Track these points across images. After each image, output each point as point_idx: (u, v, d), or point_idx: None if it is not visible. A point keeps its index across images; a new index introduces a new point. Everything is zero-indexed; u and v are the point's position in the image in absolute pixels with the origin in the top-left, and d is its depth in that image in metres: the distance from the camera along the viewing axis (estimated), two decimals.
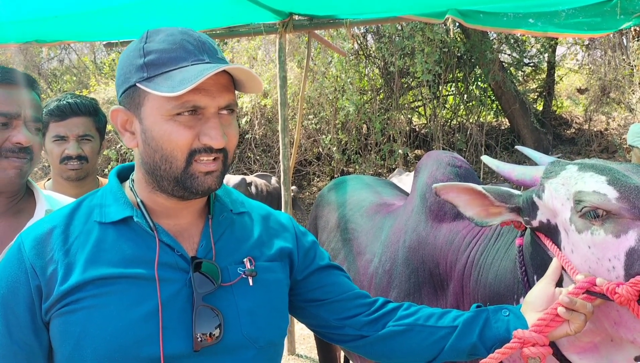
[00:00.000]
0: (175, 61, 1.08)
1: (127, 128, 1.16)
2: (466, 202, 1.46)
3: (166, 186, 1.13)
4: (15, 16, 3.74)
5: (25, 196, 1.58)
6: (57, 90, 12.53)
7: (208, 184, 1.13)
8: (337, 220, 2.72)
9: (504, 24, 3.98)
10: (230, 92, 1.13)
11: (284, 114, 4.49)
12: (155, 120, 1.09)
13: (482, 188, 1.43)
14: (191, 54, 1.09)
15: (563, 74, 12.10)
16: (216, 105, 1.10)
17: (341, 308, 1.35)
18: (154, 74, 1.08)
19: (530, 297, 1.30)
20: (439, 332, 1.32)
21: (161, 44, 1.10)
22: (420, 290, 1.86)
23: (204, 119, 1.10)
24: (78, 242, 1.12)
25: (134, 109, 1.13)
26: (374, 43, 10.60)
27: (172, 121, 1.08)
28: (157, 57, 1.09)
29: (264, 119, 10.49)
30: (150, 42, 1.11)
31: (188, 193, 1.13)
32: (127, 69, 1.12)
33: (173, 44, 1.10)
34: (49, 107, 2.15)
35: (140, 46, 1.12)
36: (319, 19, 4.38)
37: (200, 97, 1.07)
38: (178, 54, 1.09)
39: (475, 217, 1.45)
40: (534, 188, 1.41)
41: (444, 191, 1.47)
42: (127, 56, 1.13)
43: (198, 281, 1.12)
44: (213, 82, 1.09)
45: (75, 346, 1.06)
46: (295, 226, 1.39)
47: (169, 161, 1.10)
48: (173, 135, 1.08)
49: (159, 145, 1.10)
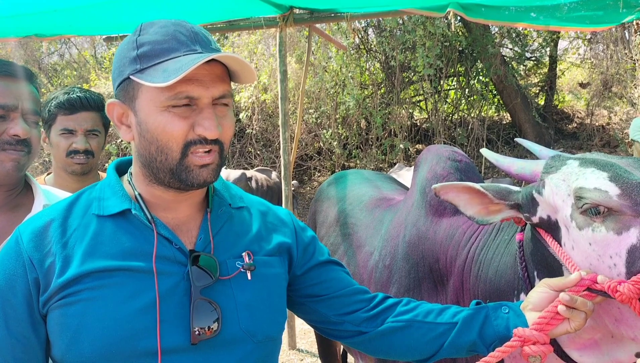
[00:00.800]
0: (167, 52, 1.08)
1: (123, 121, 1.16)
2: (466, 201, 1.45)
3: (162, 178, 1.13)
4: (15, 10, 3.73)
5: (24, 191, 1.57)
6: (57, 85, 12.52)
7: (204, 177, 1.12)
8: (336, 215, 2.72)
9: (506, 17, 3.96)
10: (225, 82, 1.12)
11: (285, 109, 4.48)
12: (150, 112, 1.09)
13: (481, 186, 1.41)
14: (183, 45, 1.09)
15: (565, 68, 12.07)
16: (210, 95, 1.09)
17: (340, 304, 1.35)
18: (147, 65, 1.08)
19: (531, 296, 1.29)
20: (438, 329, 1.32)
21: (154, 35, 1.10)
22: (420, 285, 1.85)
23: (198, 110, 1.09)
24: (76, 235, 1.12)
25: (129, 102, 1.13)
26: (375, 37, 10.56)
27: (166, 113, 1.08)
28: (149, 48, 1.08)
29: (264, 114, 10.48)
30: (143, 35, 1.11)
31: (184, 185, 1.13)
32: (122, 62, 1.12)
33: (165, 35, 1.09)
34: (58, 99, 2.13)
35: (134, 38, 1.11)
36: (320, 12, 4.35)
37: (193, 88, 1.07)
38: (170, 45, 1.08)
39: (476, 216, 1.44)
40: (534, 183, 1.39)
41: (443, 191, 1.46)
42: (122, 49, 1.13)
43: (196, 275, 1.12)
44: (207, 73, 1.08)
45: (72, 338, 1.06)
46: (294, 221, 1.38)
47: (164, 152, 1.10)
48: (168, 126, 1.08)
49: (154, 137, 1.09)
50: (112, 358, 1.05)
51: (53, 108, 2.12)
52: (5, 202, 1.51)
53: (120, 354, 1.05)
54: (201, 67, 1.06)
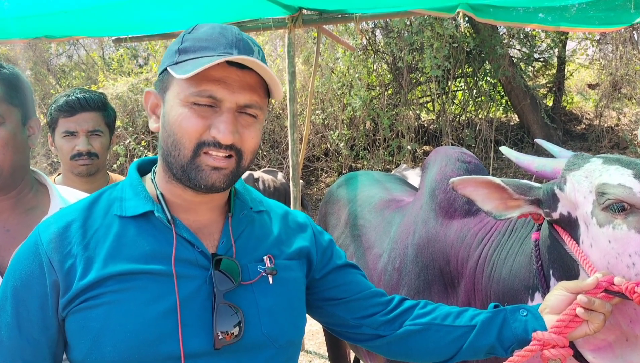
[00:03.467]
0: (203, 50, 1.08)
1: (155, 111, 1.17)
2: (484, 196, 1.44)
3: (176, 174, 1.12)
4: (25, 12, 3.75)
5: (37, 192, 1.53)
6: (66, 86, 12.57)
7: (212, 180, 1.10)
8: (347, 216, 2.71)
9: (515, 18, 3.94)
10: (255, 93, 1.11)
11: (293, 110, 4.47)
12: (173, 104, 1.09)
13: (501, 181, 1.41)
14: (221, 46, 1.09)
15: (573, 69, 11.99)
16: (234, 100, 1.08)
17: (358, 307, 1.35)
18: (183, 59, 1.09)
19: (549, 299, 1.28)
20: (456, 331, 1.31)
21: (199, 34, 1.11)
22: (430, 288, 1.85)
23: (220, 113, 1.09)
24: (97, 236, 1.11)
25: (162, 93, 1.14)
26: (382, 38, 10.54)
27: (187, 108, 1.08)
28: (190, 45, 1.10)
29: (271, 115, 10.48)
30: (192, 32, 1.13)
31: (192, 185, 1.11)
32: (167, 54, 1.14)
33: (209, 35, 1.10)
34: (58, 102, 2.14)
35: (184, 34, 1.13)
36: (329, 13, 4.35)
37: (218, 89, 1.07)
38: (209, 44, 1.09)
39: (494, 211, 1.43)
40: (556, 180, 1.39)
41: (461, 185, 1.45)
42: (173, 43, 1.15)
43: (218, 279, 1.11)
44: (237, 78, 1.08)
45: (94, 342, 1.05)
46: (312, 226, 1.38)
47: (178, 147, 1.09)
48: (184, 122, 1.08)
49: (172, 130, 1.09)
50: (134, 362, 1.04)
51: (54, 111, 2.14)
52: (15, 205, 1.47)
53: (142, 358, 1.04)
54: (232, 72, 1.06)
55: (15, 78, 1.44)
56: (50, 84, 12.91)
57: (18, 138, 1.43)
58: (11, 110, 1.42)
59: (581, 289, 1.21)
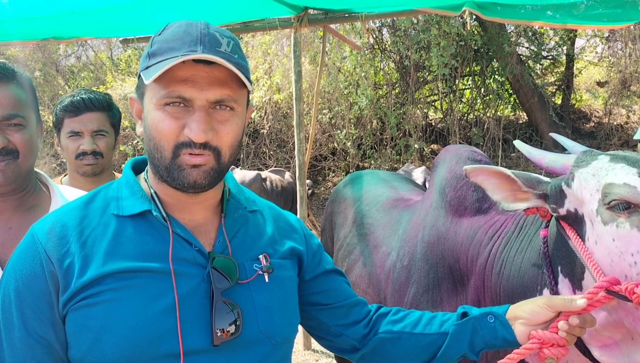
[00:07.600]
0: (169, 51, 1.07)
1: (140, 116, 1.17)
2: (495, 186, 1.47)
3: (162, 175, 1.13)
4: (33, 13, 3.78)
5: (39, 191, 1.55)
6: (74, 86, 12.65)
7: (194, 178, 1.10)
8: (354, 215, 2.71)
9: (522, 16, 3.92)
10: (227, 87, 1.09)
11: (299, 109, 4.48)
12: (150, 108, 1.10)
13: (512, 173, 1.44)
14: (185, 45, 1.07)
15: (582, 67, 11.93)
16: (204, 98, 1.07)
17: (341, 315, 1.37)
18: (152, 63, 1.08)
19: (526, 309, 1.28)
20: (425, 339, 1.34)
21: (166, 35, 1.10)
22: (440, 286, 1.85)
23: (192, 112, 1.08)
24: (95, 235, 1.11)
25: (140, 98, 1.15)
26: (389, 37, 10.53)
27: (160, 111, 1.08)
28: (157, 47, 1.09)
29: (278, 115, 10.49)
30: (160, 34, 1.12)
31: (176, 184, 1.12)
32: (141, 60, 1.15)
33: (175, 35, 1.09)
34: (63, 103, 2.17)
35: (153, 37, 1.13)
36: (335, 12, 4.34)
37: (186, 88, 1.06)
38: (174, 45, 1.07)
39: (502, 201, 1.47)
40: (564, 176, 1.40)
41: (473, 173, 1.48)
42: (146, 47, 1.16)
43: (216, 277, 1.12)
44: (205, 75, 1.07)
45: (94, 340, 1.05)
46: (303, 228, 1.40)
47: (159, 150, 1.10)
48: (160, 124, 1.08)
49: (151, 133, 1.11)
50: (135, 360, 1.05)
51: (59, 112, 2.16)
52: (18, 204, 1.49)
53: (143, 356, 1.05)
54: (200, 69, 1.06)
55: (31, 82, 1.48)
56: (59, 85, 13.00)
57: (34, 140, 1.48)
58: (31, 114, 1.47)
59: (567, 309, 1.21)
